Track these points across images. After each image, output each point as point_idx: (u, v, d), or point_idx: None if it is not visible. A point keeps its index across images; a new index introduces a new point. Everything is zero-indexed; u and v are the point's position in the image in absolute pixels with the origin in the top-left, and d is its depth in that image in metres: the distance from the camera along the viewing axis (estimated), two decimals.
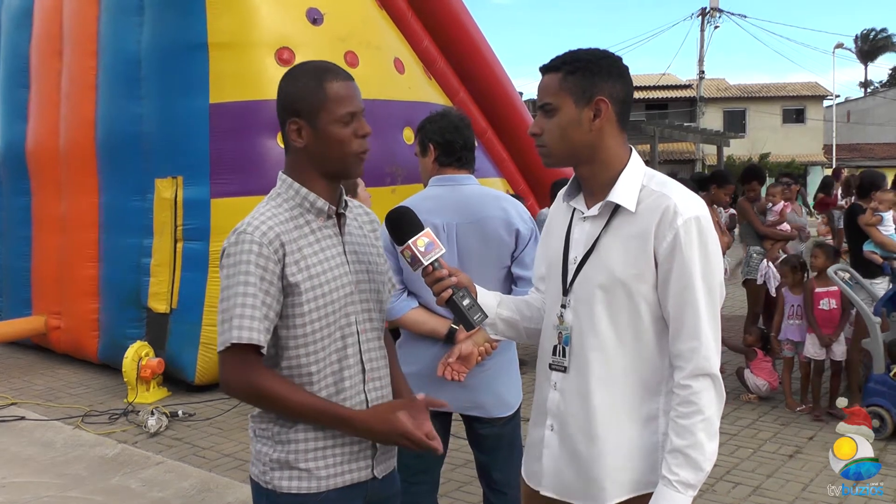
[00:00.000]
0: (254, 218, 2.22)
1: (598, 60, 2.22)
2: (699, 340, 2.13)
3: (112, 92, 8.14)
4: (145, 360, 7.34)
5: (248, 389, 2.19)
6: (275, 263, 2.17)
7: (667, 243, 2.13)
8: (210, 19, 7.43)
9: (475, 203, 3.39)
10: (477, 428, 3.52)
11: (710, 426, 2.12)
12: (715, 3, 38.75)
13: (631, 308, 2.19)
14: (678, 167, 36.56)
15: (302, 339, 2.22)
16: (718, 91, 44.84)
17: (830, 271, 6.72)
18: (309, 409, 2.20)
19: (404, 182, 7.86)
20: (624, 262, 2.18)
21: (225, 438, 6.38)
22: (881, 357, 6.25)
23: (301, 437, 2.24)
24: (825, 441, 6.16)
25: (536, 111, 2.29)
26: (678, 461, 2.10)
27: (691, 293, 2.13)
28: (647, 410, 2.21)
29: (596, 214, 2.26)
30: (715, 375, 2.15)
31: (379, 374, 2.39)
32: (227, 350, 2.16)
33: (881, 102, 51.33)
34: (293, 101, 2.25)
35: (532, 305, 2.54)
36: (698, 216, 2.15)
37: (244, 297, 2.14)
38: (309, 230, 2.26)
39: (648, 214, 2.17)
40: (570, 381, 2.27)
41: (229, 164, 7.37)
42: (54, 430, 6.58)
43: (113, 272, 8.21)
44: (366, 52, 8.10)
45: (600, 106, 2.19)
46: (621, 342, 2.21)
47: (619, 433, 2.21)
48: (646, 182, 2.24)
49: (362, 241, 2.42)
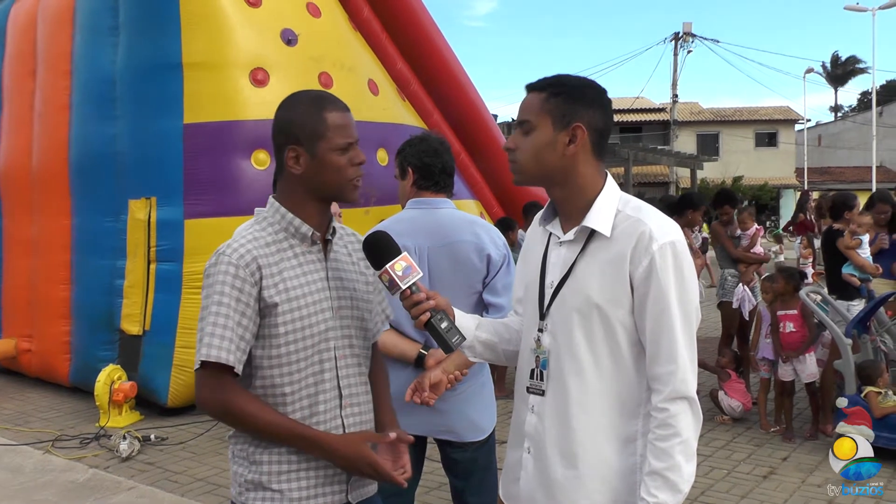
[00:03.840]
0: (234, 240, 2.25)
1: (582, 88, 2.25)
2: (676, 364, 2.13)
3: (86, 112, 8.11)
4: (118, 383, 7.26)
5: (220, 407, 2.21)
6: (251, 285, 2.19)
7: (643, 268, 2.14)
8: (185, 39, 7.42)
9: (448, 227, 3.39)
10: (450, 452, 3.50)
11: (688, 448, 2.13)
12: (688, 28, 39.17)
13: (608, 332, 2.20)
14: (652, 189, 36.85)
15: (276, 360, 2.23)
16: (692, 114, 45.30)
17: (803, 294, 6.80)
18: (279, 429, 2.21)
19: (378, 203, 7.87)
20: (600, 286, 2.19)
21: (198, 463, 6.31)
22: (853, 378, 6.31)
23: (275, 458, 2.24)
24: (799, 462, 6.20)
25: (515, 127, 2.30)
26: (657, 483, 2.10)
27: (668, 317, 2.14)
28: (626, 433, 2.21)
29: (572, 239, 2.27)
30: (692, 398, 2.16)
31: (358, 401, 2.38)
32: (201, 368, 2.18)
33: (851, 127, 52.02)
34: (292, 128, 2.28)
35: (510, 328, 2.54)
36: (674, 241, 2.17)
37: (216, 317, 2.16)
38: (292, 254, 2.29)
39: (624, 239, 2.18)
40: (548, 405, 2.27)
41: (203, 185, 7.33)
42: (24, 455, 6.48)
43: (85, 294, 8.14)
44: (340, 73, 8.11)
45: (577, 132, 2.21)
46: (599, 366, 2.21)
47: (597, 455, 2.21)
48: (621, 207, 2.25)
49: (349, 268, 2.44)
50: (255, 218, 2.35)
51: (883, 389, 6.21)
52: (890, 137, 45.75)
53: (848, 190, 16.86)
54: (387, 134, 8.29)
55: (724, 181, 37.34)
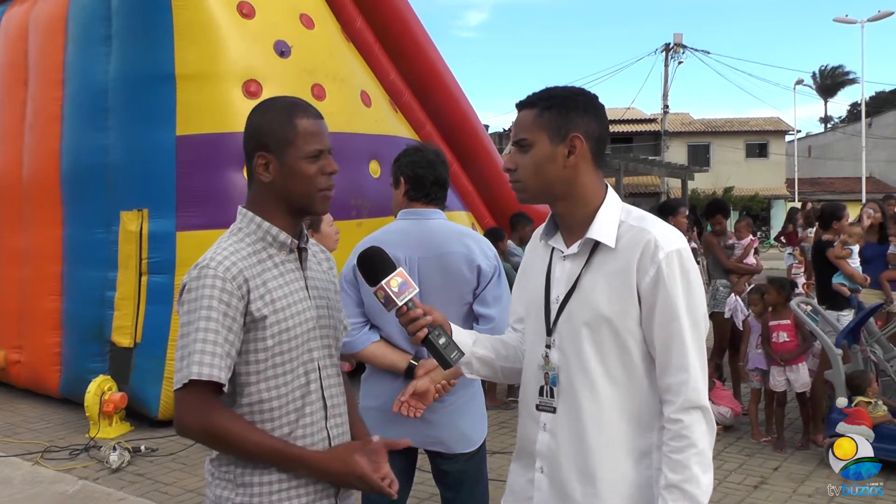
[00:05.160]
0: (216, 253, 2.18)
1: (574, 97, 2.23)
2: (688, 373, 2.12)
3: (78, 122, 8.10)
4: (108, 394, 7.23)
5: (206, 429, 2.11)
6: (238, 299, 2.12)
7: (649, 277, 2.13)
8: (178, 50, 7.43)
9: (438, 238, 3.39)
10: (440, 463, 3.49)
11: (704, 459, 2.11)
12: (679, 39, 39.30)
13: (619, 344, 2.18)
14: (643, 200, 36.90)
15: (263, 374, 2.18)
16: (683, 125, 45.43)
17: (793, 304, 6.82)
18: (266, 449, 2.13)
19: (370, 215, 7.86)
20: (608, 298, 2.17)
21: (188, 474, 6.29)
22: (843, 388, 6.33)
23: (266, 479, 2.18)
24: (790, 472, 6.21)
25: (511, 146, 2.29)
26: (675, 496, 2.08)
27: (677, 326, 2.12)
28: (642, 446, 2.19)
29: (576, 252, 2.25)
30: (705, 407, 2.13)
31: (340, 411, 2.36)
32: (185, 387, 2.08)
33: (841, 138, 52.23)
34: (262, 135, 2.23)
35: (509, 345, 2.50)
36: (679, 249, 2.16)
37: (205, 333, 2.08)
38: (272, 264, 2.23)
39: (629, 249, 2.17)
40: (561, 421, 2.24)
41: (195, 197, 7.33)
42: (12, 467, 6.45)
43: (76, 306, 8.11)
44: (333, 84, 8.12)
45: (575, 143, 2.20)
46: (612, 379, 2.19)
47: (615, 471, 2.18)
48: (624, 217, 2.24)
49: (321, 276, 2.40)
50: (230, 229, 2.29)
51: (873, 399, 6.23)
52: (879, 148, 45.99)
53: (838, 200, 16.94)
54: (379, 145, 8.30)
55: (714, 192, 37.45)
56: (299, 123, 2.22)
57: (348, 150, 7.61)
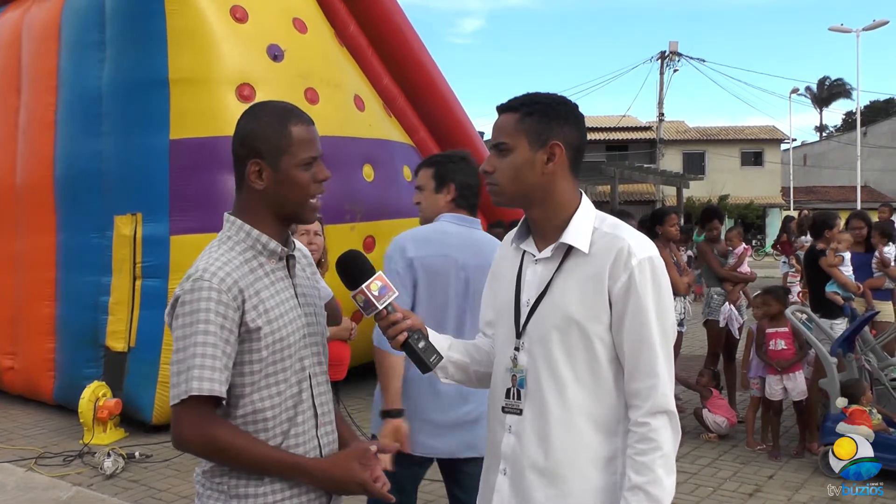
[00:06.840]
0: (209, 263, 2.13)
1: (555, 105, 2.25)
2: (656, 378, 2.14)
3: (71, 128, 8.09)
4: (102, 400, 7.21)
5: (207, 443, 2.09)
6: (234, 311, 2.10)
7: (621, 283, 2.15)
8: (171, 55, 7.43)
9: (486, 248, 3.42)
10: (464, 467, 3.46)
11: (668, 462, 2.13)
12: (674, 47, 39.38)
13: (587, 348, 2.19)
14: (638, 208, 36.94)
15: (257, 385, 2.15)
16: (678, 133, 45.55)
17: (788, 312, 6.84)
18: (268, 460, 2.12)
19: (364, 219, 7.86)
20: (579, 302, 2.19)
21: (182, 480, 6.26)
22: (838, 396, 6.32)
23: (260, 490, 2.15)
24: (785, 480, 6.20)
25: (490, 149, 2.29)
26: (638, 498, 2.09)
27: (647, 332, 2.14)
28: (607, 451, 2.20)
29: (549, 256, 2.27)
30: (672, 412, 2.15)
31: (329, 419, 2.34)
32: (184, 402, 2.06)
33: (836, 146, 52.38)
34: (254, 141, 2.19)
35: (481, 349, 2.52)
36: (651, 257, 2.18)
37: (203, 347, 2.06)
38: (263, 273, 2.20)
39: (602, 255, 2.19)
40: (527, 424, 2.25)
41: (189, 201, 7.32)
42: (6, 473, 6.43)
43: (70, 311, 8.09)
44: (326, 89, 8.13)
45: (555, 150, 2.22)
46: (579, 382, 2.20)
47: (580, 474, 2.19)
48: (598, 224, 2.26)
49: (307, 282, 2.38)
50: (219, 238, 2.24)
51: (867, 408, 6.23)
52: (874, 157, 46.16)
53: (833, 209, 16.99)
54: (372, 150, 8.31)
55: (710, 200, 37.52)
56: (293, 130, 2.19)
57: (342, 155, 7.63)
